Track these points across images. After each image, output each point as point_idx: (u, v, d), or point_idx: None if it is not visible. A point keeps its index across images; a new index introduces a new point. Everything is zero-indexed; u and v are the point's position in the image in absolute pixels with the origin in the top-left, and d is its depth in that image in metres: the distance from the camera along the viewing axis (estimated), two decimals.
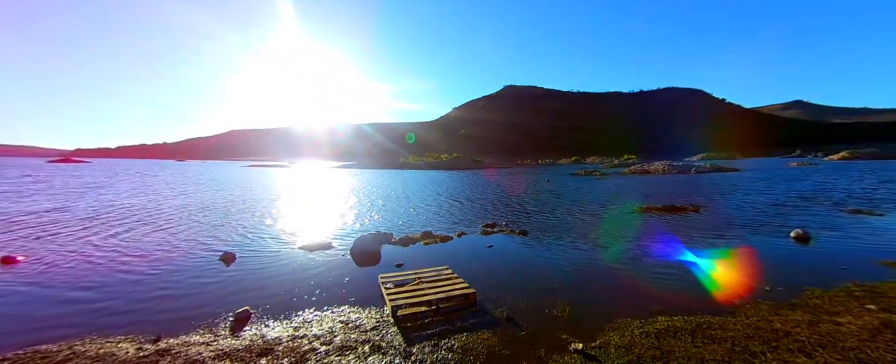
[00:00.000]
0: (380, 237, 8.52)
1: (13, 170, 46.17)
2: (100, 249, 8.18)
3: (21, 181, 27.91)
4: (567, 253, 7.87)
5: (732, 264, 6.77)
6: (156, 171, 50.24)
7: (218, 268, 6.92)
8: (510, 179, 35.97)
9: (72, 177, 34.96)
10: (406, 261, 7.29)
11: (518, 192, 22.40)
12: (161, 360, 3.64)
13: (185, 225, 11.20)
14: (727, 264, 6.76)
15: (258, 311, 4.87)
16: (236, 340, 4.09)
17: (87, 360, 3.58)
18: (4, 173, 37.98)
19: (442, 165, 65.97)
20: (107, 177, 35.98)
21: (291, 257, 7.59)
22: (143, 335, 4.19)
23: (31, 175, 36.06)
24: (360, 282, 6.14)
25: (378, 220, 12.43)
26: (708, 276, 6.14)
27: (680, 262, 6.91)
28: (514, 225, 10.79)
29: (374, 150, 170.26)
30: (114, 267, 6.93)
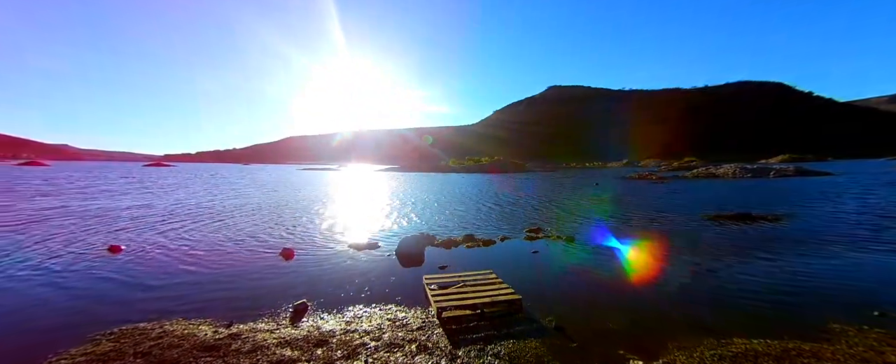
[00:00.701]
0: (423, 239, 8.68)
1: (115, 172, 54.64)
2: (181, 241, 9.32)
3: (120, 181, 32.91)
4: (620, 262, 7.37)
5: (825, 284, 5.84)
6: (225, 174, 56.24)
7: (278, 262, 7.52)
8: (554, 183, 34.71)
9: (160, 178, 40.46)
10: (449, 263, 7.33)
11: (563, 197, 21.51)
12: (233, 342, 4.04)
13: (250, 222, 12.35)
14: (818, 283, 5.84)
15: (314, 304, 5.20)
16: (296, 330, 4.40)
17: (175, 339, 4.09)
18: (107, 175, 45.07)
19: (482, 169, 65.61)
20: (187, 178, 41.05)
21: (342, 255, 8.01)
22: (217, 320, 4.68)
23: (127, 176, 42.36)
24: (405, 282, 6.29)
25: (420, 222, 12.68)
26: (794, 295, 5.36)
27: (757, 279, 6.12)
28: (560, 231, 10.36)
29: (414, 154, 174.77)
30: (193, 258, 7.84)
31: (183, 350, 3.85)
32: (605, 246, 8.64)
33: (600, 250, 8.31)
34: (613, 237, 9.46)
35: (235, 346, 3.99)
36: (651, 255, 7.81)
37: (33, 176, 39.37)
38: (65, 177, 38.69)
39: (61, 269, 6.78)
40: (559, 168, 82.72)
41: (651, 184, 30.59)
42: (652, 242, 9.01)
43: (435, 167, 74.83)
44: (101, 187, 26.06)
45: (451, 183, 37.12)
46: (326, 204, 18.24)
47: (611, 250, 8.30)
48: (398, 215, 14.34)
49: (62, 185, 27.67)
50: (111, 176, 42.79)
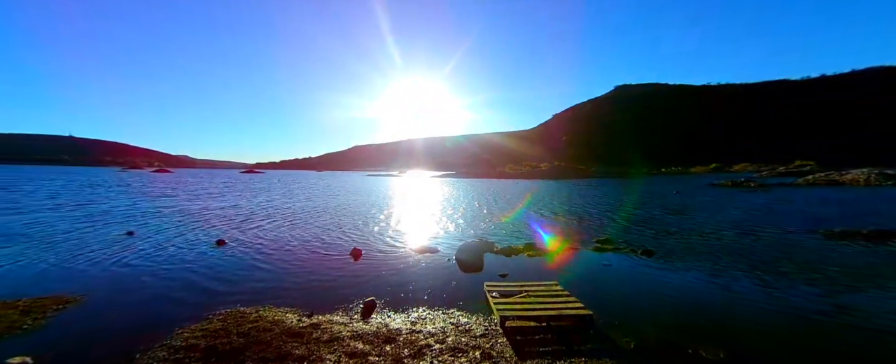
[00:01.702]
0: (482, 245, 8.62)
1: (219, 178, 64.87)
2: (270, 238, 10.62)
3: (222, 185, 38.90)
4: (712, 283, 6.44)
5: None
6: (302, 180, 62.93)
7: (349, 261, 8.13)
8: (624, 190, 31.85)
9: (252, 183, 46.89)
10: (510, 271, 7.16)
11: (636, 206, 19.59)
12: (314, 331, 4.45)
13: (323, 223, 13.60)
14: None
15: (381, 303, 5.49)
16: (366, 325, 4.69)
17: (268, 323, 4.66)
18: (214, 181, 53.58)
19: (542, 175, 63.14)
20: (272, 183, 46.91)
21: (404, 257, 8.35)
22: (300, 310, 5.21)
23: (227, 181, 49.89)
24: (465, 287, 6.31)
25: (477, 228, 12.63)
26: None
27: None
28: (635, 243, 9.43)
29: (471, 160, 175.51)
30: (279, 252, 8.87)
31: (274, 334, 4.36)
32: (693, 264, 7.63)
33: (687, 268, 7.35)
34: (703, 254, 8.31)
35: (316, 334, 4.39)
36: (756, 278, 6.67)
37: (162, 180, 48.76)
38: (183, 181, 47.12)
39: (181, 257, 8.20)
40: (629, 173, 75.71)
41: (748, 192, 26.29)
42: (753, 263, 7.70)
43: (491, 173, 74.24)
44: (209, 190, 31.12)
45: (507, 189, 36.42)
46: (388, 208, 19.24)
47: (700, 269, 7.29)
48: (455, 221, 14.49)
49: (180, 187, 33.73)
50: (216, 181, 50.91)
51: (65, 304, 5.16)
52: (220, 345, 4.08)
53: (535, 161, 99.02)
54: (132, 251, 8.57)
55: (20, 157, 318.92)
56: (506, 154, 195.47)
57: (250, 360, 3.79)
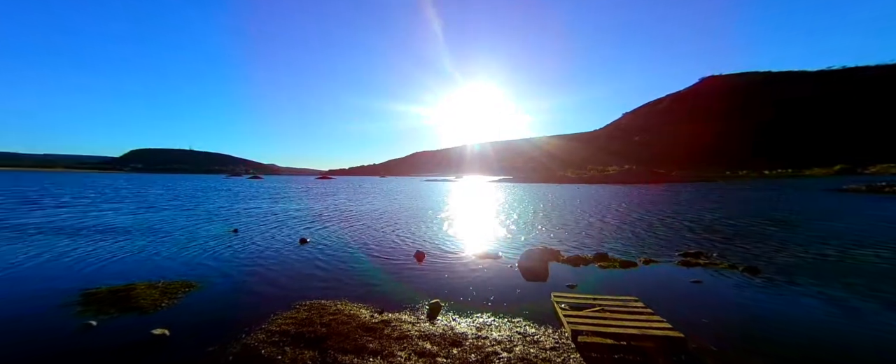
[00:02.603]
0: (546, 253, 8.24)
1: (299, 184, 72.87)
2: (343, 238, 11.55)
3: (301, 190, 43.56)
4: (838, 313, 5.24)
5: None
6: (368, 185, 67.47)
7: (412, 263, 8.43)
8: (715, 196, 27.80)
9: (325, 187, 51.72)
10: (579, 283, 6.71)
11: (732, 214, 16.96)
12: (386, 328, 4.70)
13: (387, 226, 14.36)
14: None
15: (446, 305, 5.57)
16: (432, 326, 4.80)
17: (345, 317, 5.05)
18: (295, 186, 60.31)
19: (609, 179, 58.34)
20: (341, 188, 51.13)
21: (466, 262, 8.38)
22: (372, 306, 5.54)
23: (305, 186, 55.73)
24: (530, 296, 6.08)
25: (541, 235, 12.12)
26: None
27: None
28: (732, 258, 8.13)
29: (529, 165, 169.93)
30: (352, 251, 9.58)
31: (351, 327, 4.70)
32: (813, 287, 6.30)
33: (805, 292, 6.10)
34: (826, 275, 6.82)
35: (387, 331, 4.62)
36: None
37: (255, 186, 56.52)
38: (271, 186, 53.97)
39: (273, 253, 9.34)
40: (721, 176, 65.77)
41: (891, 199, 20.98)
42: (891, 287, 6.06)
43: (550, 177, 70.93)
44: (291, 195, 35.12)
45: (569, 195, 34.41)
46: (447, 212, 19.56)
47: (822, 294, 5.99)
48: (514, 226, 14.11)
49: (269, 192, 38.65)
50: (297, 186, 57.32)
51: (190, 287, 6.26)
52: (306, 332, 4.53)
53: (600, 164, 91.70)
54: (236, 246, 10.04)
55: (158, 166, 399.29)
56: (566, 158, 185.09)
57: (332, 350, 4.14)
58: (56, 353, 4.01)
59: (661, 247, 9.96)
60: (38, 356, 3.96)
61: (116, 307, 5.23)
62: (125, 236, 11.16)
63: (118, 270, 7.37)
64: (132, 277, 6.76)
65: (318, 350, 4.14)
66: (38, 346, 4.16)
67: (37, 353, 4.01)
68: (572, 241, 11.01)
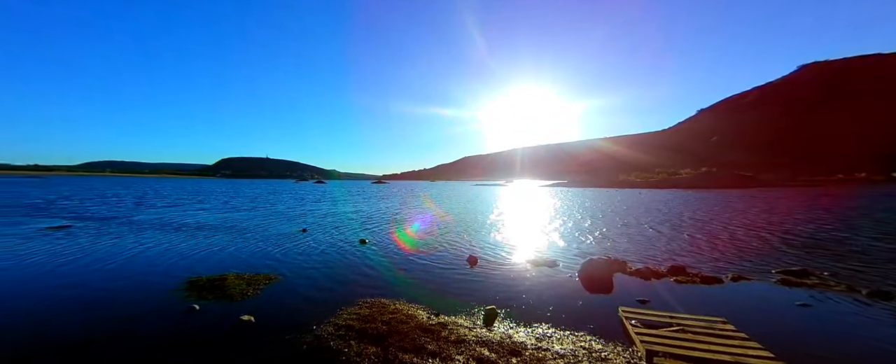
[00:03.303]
0: (612, 264, 7.63)
1: (357, 188, 77.55)
2: (398, 240, 11.98)
3: (358, 194, 46.25)
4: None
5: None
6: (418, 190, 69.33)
7: (465, 267, 8.41)
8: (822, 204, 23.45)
9: (380, 191, 54.31)
10: (651, 297, 6.09)
11: (848, 227, 14.14)
12: (443, 330, 4.73)
13: (440, 229, 14.56)
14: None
15: (502, 312, 5.44)
16: (489, 333, 4.71)
17: (404, 316, 5.20)
18: (353, 190, 64.29)
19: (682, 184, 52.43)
20: (394, 192, 53.25)
21: (521, 269, 8.12)
22: (428, 308, 5.63)
23: (363, 190, 59.06)
24: (594, 309, 5.67)
25: (602, 243, 11.29)
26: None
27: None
28: (850, 280, 6.73)
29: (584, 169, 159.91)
30: (405, 252, 9.89)
31: (409, 327, 4.82)
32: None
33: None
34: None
35: (444, 333, 4.65)
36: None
37: (319, 190, 61.48)
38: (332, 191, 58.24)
39: (338, 251, 10.03)
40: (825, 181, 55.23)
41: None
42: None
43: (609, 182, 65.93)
44: (349, 198, 37.50)
45: (633, 200, 31.61)
46: (498, 217, 19.23)
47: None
48: (572, 233, 13.34)
49: (332, 196, 41.72)
50: (355, 190, 61.10)
51: (269, 280, 6.98)
52: (369, 329, 4.76)
53: (669, 167, 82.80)
54: (305, 244, 10.99)
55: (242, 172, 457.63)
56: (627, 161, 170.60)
57: (393, 347, 4.28)
58: (171, 331, 4.74)
59: (753, 262, 8.62)
60: (157, 332, 4.71)
61: (213, 294, 6.04)
62: (215, 232, 12.88)
63: (213, 262, 8.52)
64: (224, 269, 7.77)
65: (381, 347, 4.31)
66: (158, 324, 4.96)
67: (157, 329, 4.78)
68: (639, 251, 10.07)
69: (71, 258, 8.59)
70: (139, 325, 4.87)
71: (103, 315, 5.19)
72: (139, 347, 4.28)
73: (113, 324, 4.90)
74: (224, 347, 4.31)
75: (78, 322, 4.95)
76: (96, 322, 4.94)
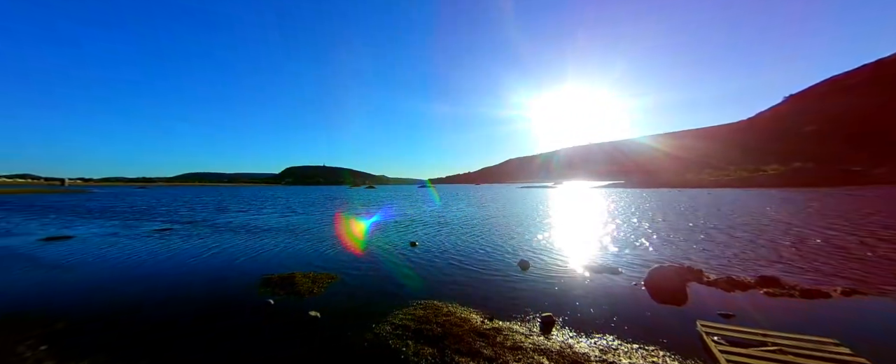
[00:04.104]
0: (684, 272, 6.87)
1: (403, 192, 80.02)
2: (449, 241, 12.06)
3: (404, 198, 47.61)
4: None
5: None
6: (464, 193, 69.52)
7: (517, 271, 8.18)
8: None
9: (425, 195, 55.49)
10: (737, 312, 5.36)
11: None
12: (497, 335, 4.64)
13: (488, 231, 14.38)
14: None
15: (560, 320, 5.18)
16: (547, 341, 4.51)
17: (457, 319, 5.20)
18: (399, 193, 66.44)
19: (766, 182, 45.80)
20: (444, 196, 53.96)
21: (577, 275, 7.68)
22: (482, 312, 5.56)
23: (408, 194, 60.80)
24: (666, 321, 5.14)
25: (668, 249, 10.25)
26: None
27: None
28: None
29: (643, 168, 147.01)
30: (457, 255, 9.89)
31: (463, 330, 4.80)
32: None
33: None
34: None
35: (499, 339, 4.55)
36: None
37: (371, 194, 64.57)
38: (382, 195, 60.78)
39: (390, 253, 10.39)
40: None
41: None
42: None
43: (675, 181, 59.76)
44: (397, 202, 38.80)
45: (703, 201, 28.29)
46: (549, 220, 18.46)
47: None
48: (633, 238, 12.30)
49: (382, 200, 43.46)
50: (402, 194, 63.11)
51: (331, 279, 7.46)
52: (424, 330, 4.83)
53: (745, 164, 72.26)
54: (363, 246, 11.58)
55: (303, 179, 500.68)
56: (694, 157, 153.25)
57: (448, 350, 4.29)
58: (253, 321, 5.27)
59: (867, 274, 7.17)
60: (242, 322, 5.28)
61: (284, 290, 6.61)
62: (282, 234, 14.15)
63: (281, 260, 9.36)
64: (290, 267, 8.48)
65: (437, 348, 4.35)
66: (241, 314, 5.56)
67: (241, 320, 5.35)
68: (715, 259, 8.95)
69: (170, 255, 10.03)
70: (226, 315, 5.50)
71: (195, 304, 5.96)
72: (226, 334, 4.82)
73: (204, 311, 5.60)
74: (297, 339, 4.68)
75: (174, 308, 5.74)
76: (189, 309, 5.69)
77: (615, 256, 9.52)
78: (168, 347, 4.48)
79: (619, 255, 9.76)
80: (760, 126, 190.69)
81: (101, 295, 6.55)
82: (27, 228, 15.73)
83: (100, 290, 6.88)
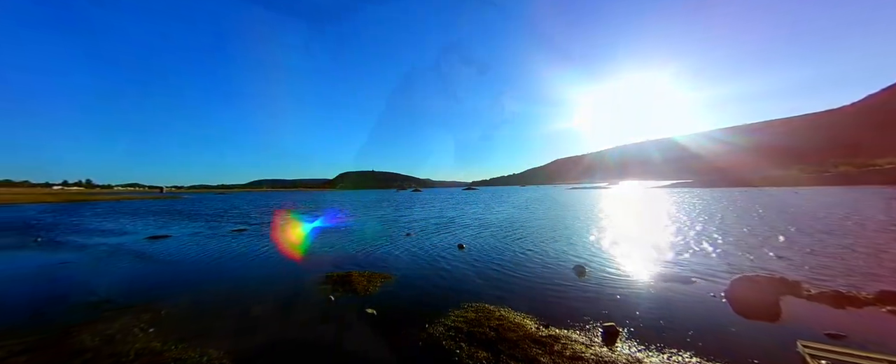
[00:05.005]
0: (777, 283, 5.96)
1: (448, 195, 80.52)
2: (497, 244, 11.87)
3: (452, 201, 47.84)
4: None
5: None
6: (509, 195, 68.00)
7: (573, 277, 7.75)
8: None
9: (470, 197, 55.31)
10: (849, 332, 4.50)
11: None
12: (555, 343, 4.42)
13: (539, 234, 13.87)
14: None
15: (624, 332, 4.79)
16: (611, 353, 4.18)
17: (511, 324, 5.06)
18: (445, 196, 66.88)
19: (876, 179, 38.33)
20: (484, 198, 53.43)
21: (642, 283, 7.06)
22: (536, 318, 5.35)
23: (454, 197, 61.02)
24: (755, 339, 4.49)
25: (755, 256, 8.97)
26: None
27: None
28: None
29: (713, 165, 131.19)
30: (508, 258, 9.68)
31: (518, 336, 4.66)
32: None
33: None
34: None
35: (557, 347, 4.33)
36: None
37: (417, 197, 66.13)
38: (426, 198, 61.81)
39: (439, 255, 10.51)
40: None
41: None
42: None
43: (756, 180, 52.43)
44: (444, 205, 39.19)
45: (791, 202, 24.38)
46: (607, 223, 17.27)
47: None
48: (709, 244, 10.98)
49: (428, 203, 44.20)
50: (448, 197, 63.69)
51: (385, 279, 7.75)
52: (477, 333, 4.78)
53: (845, 157, 60.54)
54: (410, 247, 11.89)
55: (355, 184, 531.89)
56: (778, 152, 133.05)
57: (503, 354, 4.18)
58: (317, 315, 5.66)
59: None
60: (306, 316, 5.69)
61: (344, 288, 7.01)
62: (338, 235, 15.05)
63: (339, 260, 9.94)
64: (347, 266, 8.97)
65: (491, 352, 4.26)
66: (306, 309, 6.00)
67: (305, 314, 5.77)
68: (815, 269, 7.62)
69: (246, 252, 11.20)
70: (295, 307, 5.97)
71: (269, 296, 6.55)
72: (297, 323, 5.23)
73: (277, 302, 6.14)
74: (356, 334, 4.91)
75: (253, 299, 6.36)
76: (266, 300, 6.26)
77: (686, 264, 8.59)
78: (251, 331, 4.98)
79: (690, 262, 8.79)
80: (868, 110, 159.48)
81: (193, 286, 7.51)
82: (135, 228, 18.68)
83: (192, 281, 7.90)
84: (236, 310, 5.94)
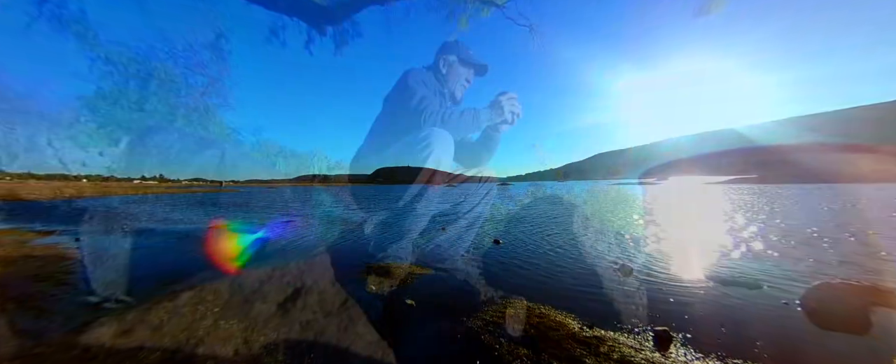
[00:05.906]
0: (867, 291, 5.17)
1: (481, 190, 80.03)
2: (533, 240, 11.57)
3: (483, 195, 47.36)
4: None
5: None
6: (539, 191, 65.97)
7: (617, 277, 7.32)
8: None
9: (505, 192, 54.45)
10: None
11: None
12: (600, 345, 4.20)
13: (580, 231, 13.29)
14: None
15: (679, 337, 4.43)
16: (665, 360, 3.89)
17: (552, 322, 4.89)
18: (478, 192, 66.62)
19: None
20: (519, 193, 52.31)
21: (700, 287, 6.49)
22: (579, 318, 5.13)
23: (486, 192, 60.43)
24: (840, 353, 3.94)
25: (835, 261, 7.87)
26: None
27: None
28: None
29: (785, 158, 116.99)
30: (543, 255, 9.40)
31: (561, 335, 4.49)
32: None
33: None
34: None
35: (603, 349, 4.11)
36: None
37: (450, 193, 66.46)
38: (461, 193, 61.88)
39: (474, 250, 10.47)
40: None
41: None
42: None
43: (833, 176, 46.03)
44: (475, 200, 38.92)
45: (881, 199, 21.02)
46: (656, 221, 16.13)
47: None
48: (780, 246, 9.83)
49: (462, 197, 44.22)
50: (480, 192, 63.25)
51: (423, 271, 7.86)
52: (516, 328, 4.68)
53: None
54: (445, 241, 11.96)
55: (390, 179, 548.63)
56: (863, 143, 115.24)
57: (545, 353, 4.06)
58: (361, 304, 5.89)
59: None
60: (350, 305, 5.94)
61: (383, 278, 7.22)
62: (377, 227, 15.54)
63: (377, 251, 10.26)
64: (386, 258, 9.23)
65: (532, 350, 4.15)
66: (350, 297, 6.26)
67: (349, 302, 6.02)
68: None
69: (294, 241, 11.97)
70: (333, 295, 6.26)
71: (317, 284, 6.92)
72: (341, 311, 5.48)
73: (323, 290, 6.47)
74: (397, 324, 5.04)
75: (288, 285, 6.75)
76: (313, 289, 6.62)
77: (750, 267, 7.76)
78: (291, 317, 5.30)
79: (757, 266, 7.92)
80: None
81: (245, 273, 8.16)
82: (199, 217, 20.71)
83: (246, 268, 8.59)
84: (280, 295, 6.34)
